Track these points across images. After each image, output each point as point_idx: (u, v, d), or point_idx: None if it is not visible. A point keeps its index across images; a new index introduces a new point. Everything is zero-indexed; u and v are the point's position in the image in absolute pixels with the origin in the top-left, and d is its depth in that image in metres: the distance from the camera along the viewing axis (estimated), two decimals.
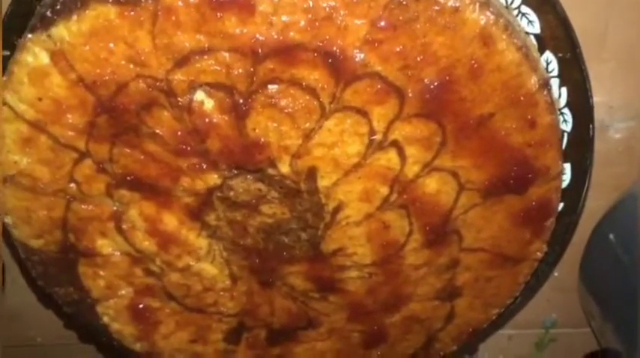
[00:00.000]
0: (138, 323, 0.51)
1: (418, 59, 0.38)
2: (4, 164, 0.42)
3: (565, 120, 0.44)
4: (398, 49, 0.38)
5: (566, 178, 0.46)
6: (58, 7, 0.38)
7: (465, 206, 0.45)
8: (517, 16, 0.41)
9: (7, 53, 0.44)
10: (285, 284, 0.49)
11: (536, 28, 0.41)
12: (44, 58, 0.39)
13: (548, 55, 0.42)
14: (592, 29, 0.48)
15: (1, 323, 0.59)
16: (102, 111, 0.41)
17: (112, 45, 0.38)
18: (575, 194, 0.47)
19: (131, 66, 0.39)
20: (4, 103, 0.40)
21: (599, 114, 0.49)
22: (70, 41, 0.38)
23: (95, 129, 0.41)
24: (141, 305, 0.50)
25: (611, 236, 0.54)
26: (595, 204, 0.52)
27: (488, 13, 0.37)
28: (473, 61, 0.39)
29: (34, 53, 0.39)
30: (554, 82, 0.43)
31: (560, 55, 0.42)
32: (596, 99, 0.46)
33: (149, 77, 0.39)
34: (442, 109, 0.40)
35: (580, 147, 0.45)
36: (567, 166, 0.46)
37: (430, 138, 0.42)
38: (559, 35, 0.41)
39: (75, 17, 0.37)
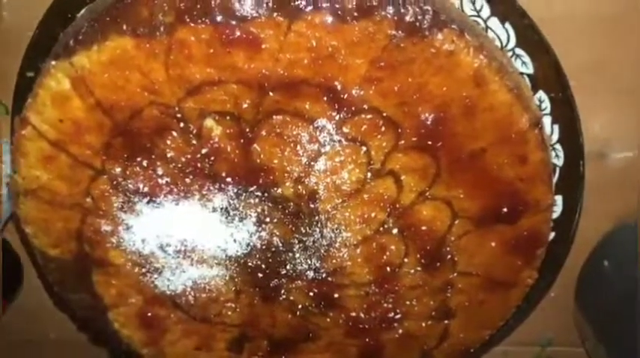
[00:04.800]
0: (146, 329, 0.53)
1: (414, 97, 0.40)
2: (27, 178, 0.45)
3: (557, 156, 0.46)
4: (395, 87, 0.40)
5: (558, 209, 0.48)
6: (81, 37, 0.40)
7: (458, 232, 0.47)
8: (512, 57, 0.42)
9: (32, 74, 0.47)
10: (287, 299, 0.51)
11: (529, 69, 0.43)
12: (66, 84, 0.42)
13: (541, 94, 0.44)
14: (589, 60, 0.50)
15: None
16: (117, 133, 0.43)
17: (128, 74, 0.41)
18: (566, 224, 0.49)
19: (145, 94, 0.41)
20: (29, 123, 0.43)
21: (596, 144, 0.51)
22: (90, 69, 0.41)
23: (111, 149, 0.44)
24: (149, 313, 0.52)
25: (606, 262, 0.56)
26: (590, 231, 0.54)
27: (481, 57, 0.39)
28: (467, 100, 0.40)
29: (57, 79, 0.42)
30: (547, 120, 0.44)
31: (552, 94, 0.44)
32: (594, 129, 0.47)
33: (162, 104, 0.42)
34: (436, 143, 0.42)
35: (571, 181, 0.47)
36: (559, 198, 0.47)
37: (425, 169, 0.44)
38: (551, 76, 0.43)
39: (95, 47, 0.40)
